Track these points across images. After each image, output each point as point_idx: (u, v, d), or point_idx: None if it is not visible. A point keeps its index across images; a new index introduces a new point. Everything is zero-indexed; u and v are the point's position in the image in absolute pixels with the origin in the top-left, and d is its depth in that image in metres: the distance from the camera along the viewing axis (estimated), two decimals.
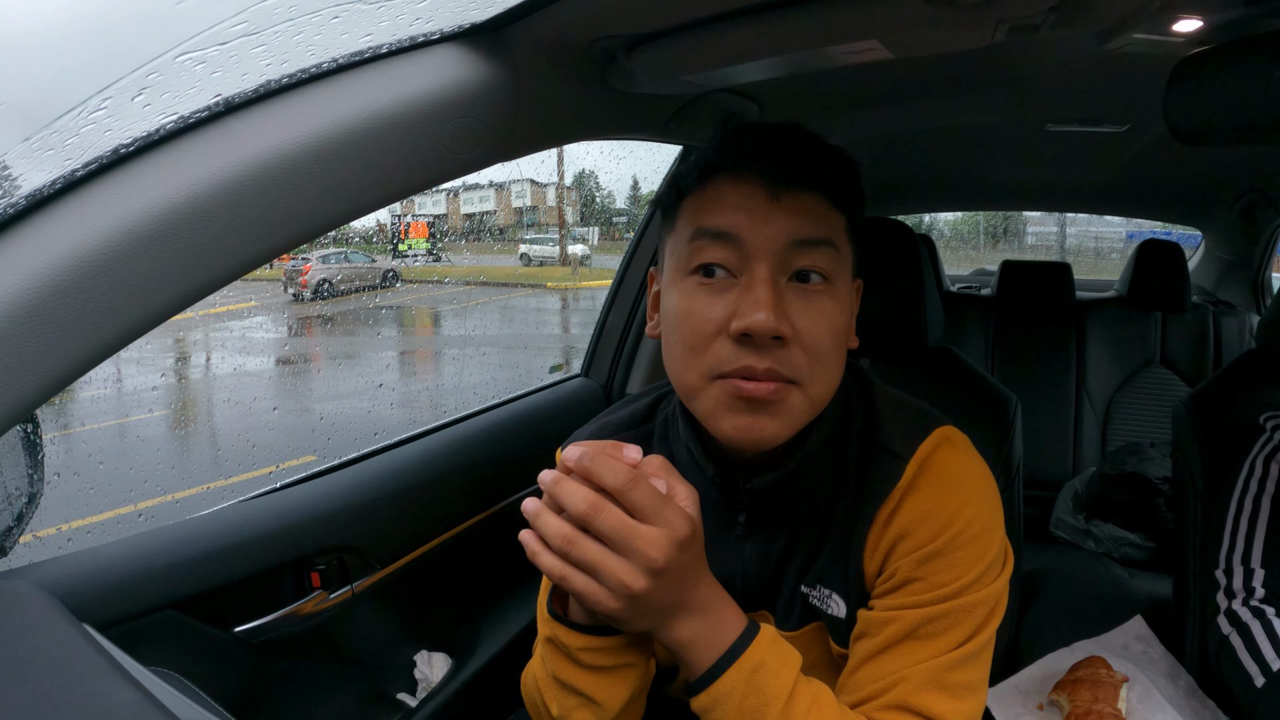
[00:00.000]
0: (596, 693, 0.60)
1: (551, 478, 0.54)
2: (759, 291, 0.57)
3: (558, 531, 0.52)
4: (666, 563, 0.51)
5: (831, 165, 0.62)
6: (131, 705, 0.35)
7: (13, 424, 0.43)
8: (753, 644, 0.56)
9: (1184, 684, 1.05)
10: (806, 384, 0.59)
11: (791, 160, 0.60)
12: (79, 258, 0.43)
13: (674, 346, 0.62)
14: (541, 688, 0.65)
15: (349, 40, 0.54)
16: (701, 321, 0.59)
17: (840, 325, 0.61)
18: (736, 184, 0.60)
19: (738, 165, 0.60)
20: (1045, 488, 2.01)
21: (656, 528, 0.52)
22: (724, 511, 0.69)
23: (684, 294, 0.61)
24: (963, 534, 0.61)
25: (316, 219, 0.52)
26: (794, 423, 0.60)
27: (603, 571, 0.51)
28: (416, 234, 9.26)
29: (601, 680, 0.60)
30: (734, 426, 0.59)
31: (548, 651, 0.63)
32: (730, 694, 0.55)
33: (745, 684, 0.55)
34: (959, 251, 11.86)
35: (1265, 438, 1.04)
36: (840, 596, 0.66)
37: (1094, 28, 0.68)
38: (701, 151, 0.64)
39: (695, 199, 0.62)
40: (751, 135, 0.63)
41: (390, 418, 4.77)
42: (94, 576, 0.77)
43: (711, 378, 0.59)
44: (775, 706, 0.55)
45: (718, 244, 0.59)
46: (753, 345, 0.57)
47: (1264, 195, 2.11)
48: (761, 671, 0.56)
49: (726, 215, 0.59)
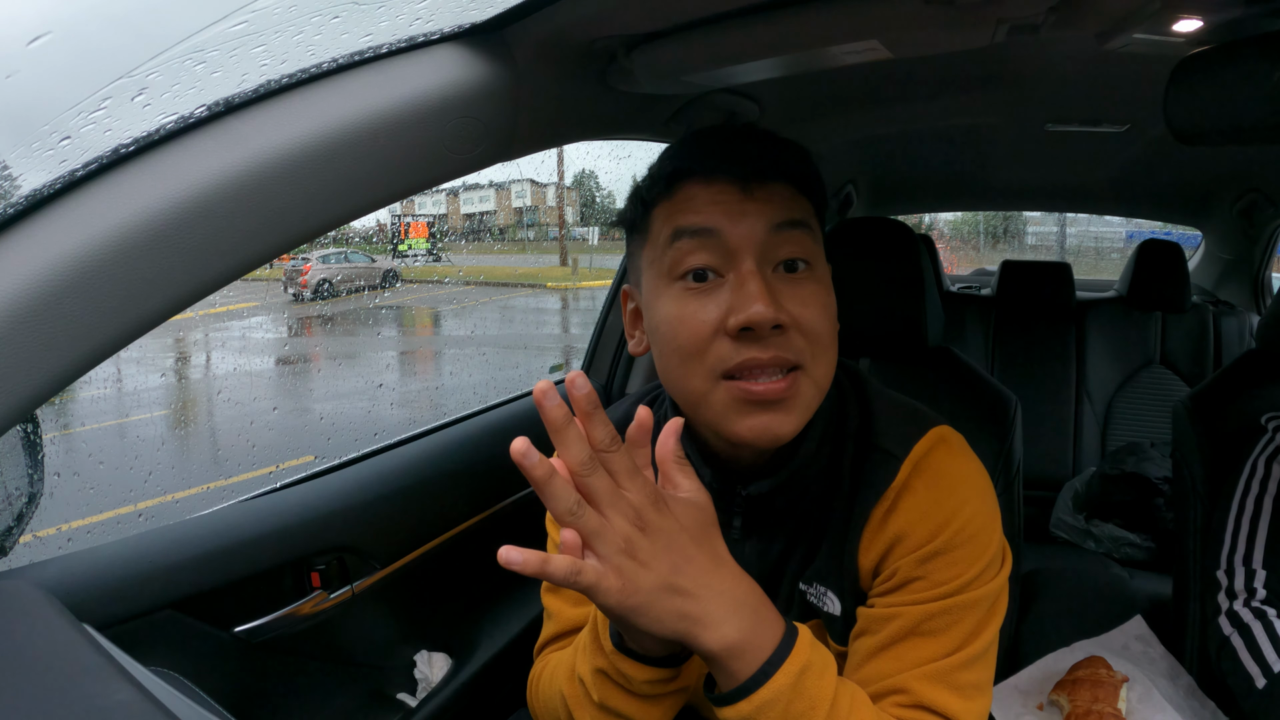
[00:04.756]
0: (644, 716, 0.60)
1: (563, 416, 0.48)
2: (751, 285, 0.57)
3: (568, 497, 0.48)
4: (659, 519, 0.50)
5: (793, 155, 0.63)
6: (131, 705, 0.35)
7: (13, 424, 0.43)
8: (796, 646, 0.54)
9: (1184, 684, 1.05)
10: (810, 367, 0.60)
11: (757, 154, 0.61)
12: (79, 258, 0.43)
13: (670, 356, 0.61)
14: (572, 707, 0.65)
15: (349, 40, 0.54)
16: (697, 325, 0.59)
17: (831, 307, 0.62)
18: (707, 184, 0.61)
19: (707, 167, 0.61)
20: (1045, 488, 2.01)
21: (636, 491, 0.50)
22: (720, 514, 0.69)
23: (673, 301, 0.61)
24: (960, 533, 0.62)
25: (316, 219, 0.52)
26: (806, 412, 0.61)
27: (601, 537, 0.48)
28: (416, 234, 9.28)
29: (655, 706, 0.60)
30: (749, 428, 0.59)
31: (599, 682, 0.61)
32: (776, 700, 0.52)
33: (792, 688, 0.52)
34: (959, 252, 11.86)
35: (1266, 438, 1.04)
36: (835, 595, 0.67)
37: (1094, 28, 0.68)
38: (663, 161, 0.65)
39: (666, 206, 0.62)
40: (714, 138, 0.65)
41: (390, 417, 4.77)
42: (94, 576, 0.77)
43: (716, 379, 0.59)
44: (821, 709, 0.53)
45: (699, 243, 0.59)
46: (753, 338, 0.57)
47: (1264, 195, 2.11)
48: (808, 674, 0.53)
49: (703, 213, 0.60)
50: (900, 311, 1.11)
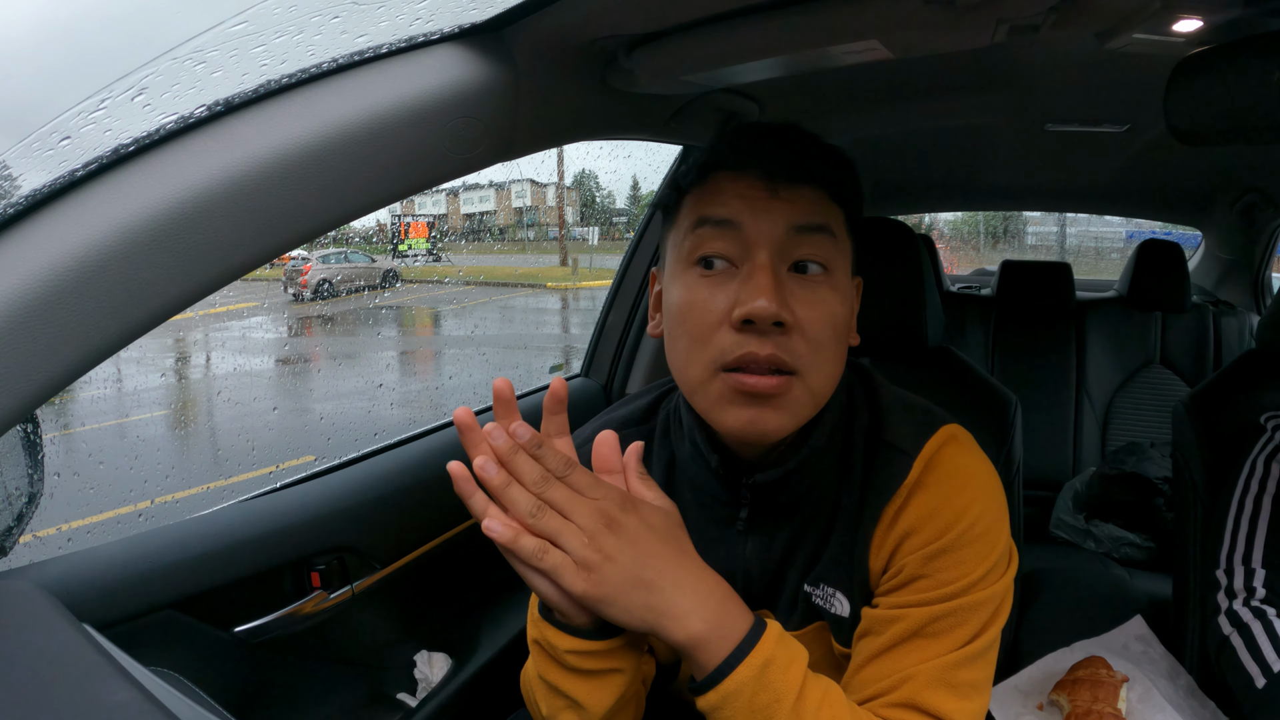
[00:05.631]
0: (582, 696, 0.60)
1: (508, 447, 0.55)
2: (760, 278, 0.58)
3: (527, 501, 0.54)
4: (625, 517, 0.55)
5: (828, 161, 0.64)
6: (131, 705, 0.35)
7: (13, 424, 0.43)
8: (761, 640, 0.56)
9: (1184, 684, 1.05)
10: (807, 374, 0.59)
11: (789, 156, 0.62)
12: (79, 258, 0.43)
13: (678, 340, 0.63)
14: (533, 687, 0.65)
15: (349, 40, 0.54)
16: (704, 312, 0.60)
17: (840, 317, 0.62)
18: (736, 178, 0.62)
19: (738, 161, 0.62)
20: (1045, 488, 2.01)
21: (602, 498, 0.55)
22: (725, 508, 0.69)
23: (686, 286, 0.62)
24: (969, 531, 0.62)
25: (316, 219, 0.52)
26: (797, 416, 0.61)
27: (564, 535, 0.53)
28: (416, 234, 9.28)
29: (586, 684, 0.60)
30: (737, 420, 0.59)
31: (536, 653, 0.62)
32: (740, 691, 0.54)
33: (755, 680, 0.54)
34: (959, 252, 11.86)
35: (1266, 438, 1.04)
36: (844, 595, 0.66)
37: (1094, 28, 0.68)
38: (702, 151, 0.66)
39: (696, 194, 0.64)
40: (751, 134, 0.65)
41: (390, 417, 4.77)
42: (94, 576, 0.77)
43: (715, 370, 0.60)
44: (785, 703, 0.55)
45: (719, 233, 0.61)
46: (755, 332, 0.58)
47: (1264, 195, 2.11)
48: (771, 667, 0.55)
49: (728, 205, 0.61)
50: (900, 311, 1.11)
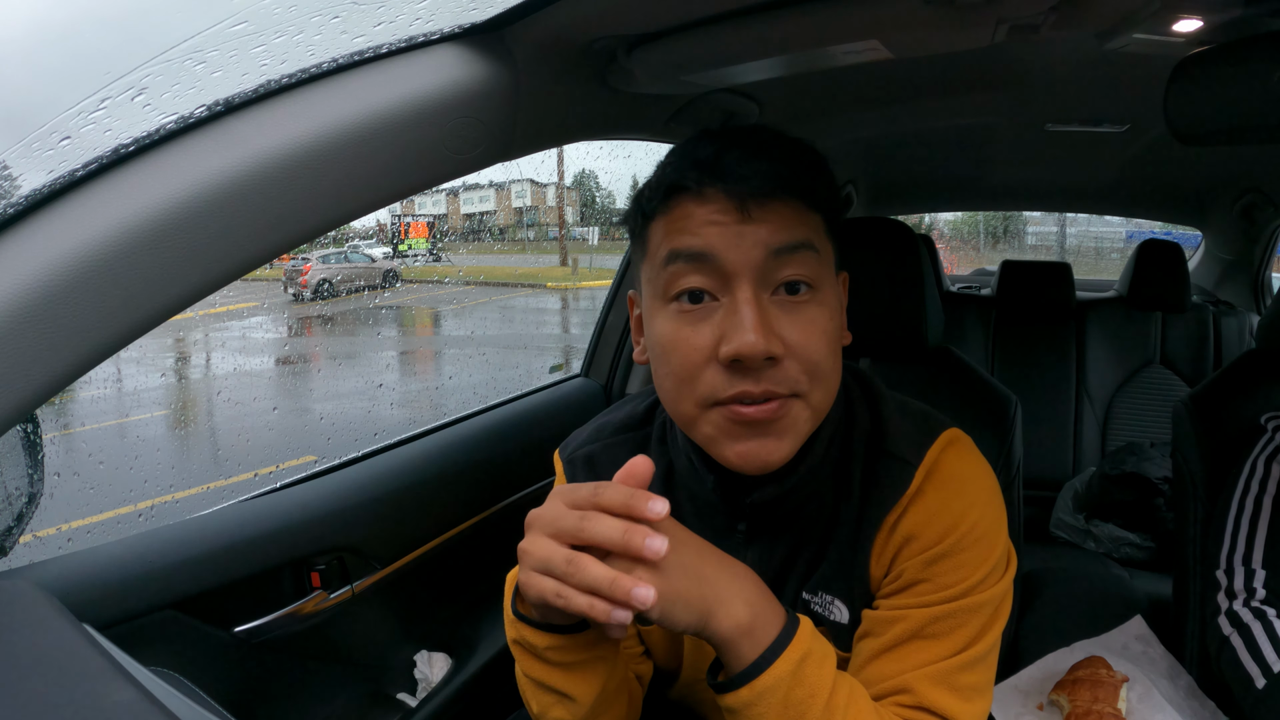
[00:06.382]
0: (568, 688, 0.60)
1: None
2: (744, 313, 0.55)
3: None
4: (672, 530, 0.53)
5: (799, 165, 0.59)
6: (131, 705, 0.35)
7: (13, 424, 0.43)
8: (798, 633, 0.56)
9: (1184, 684, 1.05)
10: (807, 394, 0.58)
11: (756, 171, 0.56)
12: (79, 258, 0.43)
13: (664, 378, 0.60)
14: (522, 685, 0.65)
15: (349, 40, 0.54)
16: (689, 350, 0.57)
17: (832, 331, 0.59)
18: (702, 203, 0.57)
19: (700, 184, 0.57)
20: (1045, 488, 2.01)
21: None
22: (724, 519, 0.69)
23: (667, 322, 0.59)
24: (968, 535, 0.61)
25: (316, 219, 0.52)
26: (800, 437, 0.59)
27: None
28: (416, 234, 9.28)
29: (571, 676, 0.60)
30: (737, 453, 0.58)
31: (518, 653, 0.62)
32: (776, 686, 0.54)
33: (792, 675, 0.54)
34: (959, 252, 11.86)
35: (1266, 438, 1.04)
36: (844, 603, 0.66)
37: (1094, 28, 0.68)
38: (661, 170, 0.61)
39: (663, 221, 0.60)
40: (710, 149, 0.59)
41: (390, 418, 4.77)
42: (94, 576, 0.77)
43: (708, 405, 0.58)
44: (820, 698, 0.54)
45: (693, 267, 0.57)
46: (745, 369, 0.55)
47: (1264, 195, 2.11)
48: (808, 662, 0.55)
49: (698, 234, 0.57)
50: (900, 311, 1.11)
